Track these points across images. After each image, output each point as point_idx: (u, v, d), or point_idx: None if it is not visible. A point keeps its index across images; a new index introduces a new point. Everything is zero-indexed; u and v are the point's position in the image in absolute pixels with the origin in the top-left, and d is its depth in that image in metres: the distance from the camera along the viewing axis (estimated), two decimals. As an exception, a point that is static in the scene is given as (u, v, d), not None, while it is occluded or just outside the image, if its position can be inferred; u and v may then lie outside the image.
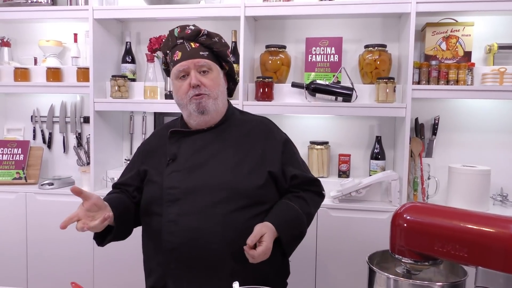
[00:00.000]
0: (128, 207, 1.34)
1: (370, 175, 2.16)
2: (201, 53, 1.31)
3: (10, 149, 2.42)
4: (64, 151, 2.57)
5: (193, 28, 1.32)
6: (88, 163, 2.31)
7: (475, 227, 0.88)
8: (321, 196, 1.43)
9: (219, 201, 1.23)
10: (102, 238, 1.29)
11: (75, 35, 2.43)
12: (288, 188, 1.35)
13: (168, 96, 2.21)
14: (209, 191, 1.24)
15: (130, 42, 2.38)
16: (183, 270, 1.24)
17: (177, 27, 1.34)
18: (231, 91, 1.47)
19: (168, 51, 1.36)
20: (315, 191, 1.41)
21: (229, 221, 1.23)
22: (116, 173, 2.29)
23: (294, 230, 1.30)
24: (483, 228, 0.87)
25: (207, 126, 1.34)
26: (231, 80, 1.44)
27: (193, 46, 1.31)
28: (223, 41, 1.37)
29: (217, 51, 1.34)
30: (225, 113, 1.37)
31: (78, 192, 1.14)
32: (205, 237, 1.21)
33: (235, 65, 2.19)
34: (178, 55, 1.31)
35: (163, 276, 1.27)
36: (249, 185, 1.26)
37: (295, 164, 1.37)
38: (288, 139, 1.42)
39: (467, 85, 2.00)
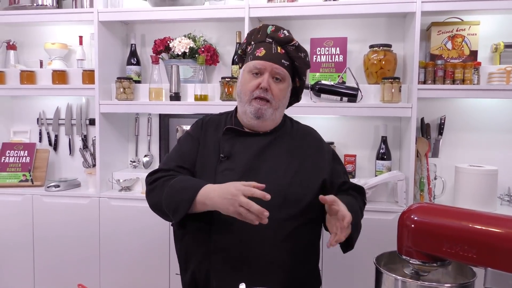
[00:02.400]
0: None
1: (376, 176, 2.15)
2: (283, 61, 1.31)
3: (17, 151, 2.44)
4: (70, 153, 2.58)
5: (287, 34, 1.33)
6: (94, 165, 2.32)
7: (484, 227, 0.87)
8: (365, 204, 1.46)
9: (272, 206, 1.21)
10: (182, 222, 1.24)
11: (81, 37, 2.44)
12: (336, 193, 1.35)
13: (173, 97, 2.21)
14: None
15: (135, 44, 2.39)
16: (227, 271, 1.24)
17: (272, 25, 1.34)
18: (289, 104, 1.46)
19: (253, 43, 1.35)
20: (362, 199, 1.43)
21: (280, 227, 1.23)
22: (121, 175, 2.30)
23: (359, 224, 1.30)
24: (492, 229, 0.86)
25: (262, 131, 1.35)
26: (294, 96, 1.44)
27: (279, 50, 1.31)
28: (307, 59, 1.38)
29: (297, 65, 1.35)
30: (280, 123, 1.39)
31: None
32: (256, 241, 1.21)
33: (238, 66, 2.20)
34: (261, 52, 1.30)
35: (206, 273, 1.26)
36: (301, 194, 1.27)
37: (342, 175, 1.42)
38: (336, 153, 1.46)
39: (473, 84, 1.99)
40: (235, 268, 1.23)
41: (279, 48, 1.32)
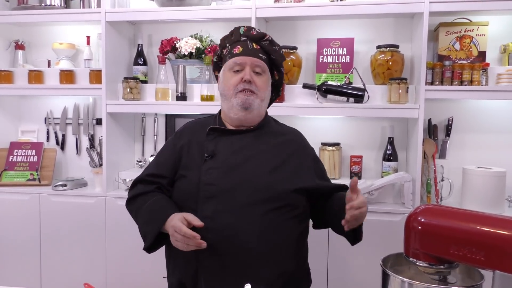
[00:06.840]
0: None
1: (382, 177, 2.14)
2: (260, 54, 1.37)
3: (24, 150, 2.46)
4: (77, 153, 2.60)
5: (259, 31, 1.40)
6: (101, 165, 2.33)
7: (492, 230, 0.86)
8: None
9: (256, 201, 1.25)
10: (153, 246, 1.30)
11: (88, 37, 2.45)
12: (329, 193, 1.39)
13: (180, 97, 2.21)
14: (247, 191, 1.26)
15: (142, 44, 2.40)
16: (216, 268, 1.25)
17: (243, 26, 1.41)
18: (270, 102, 1.48)
19: (228, 45, 1.41)
20: None
21: (265, 221, 1.25)
22: (128, 175, 2.31)
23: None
24: (501, 231, 0.85)
25: (246, 127, 1.37)
26: (274, 91, 1.47)
27: (254, 46, 1.37)
28: (282, 52, 1.44)
29: (274, 58, 1.40)
30: (263, 119, 1.41)
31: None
32: (241, 236, 1.23)
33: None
34: (238, 49, 1.36)
35: (195, 273, 1.27)
36: (286, 189, 1.29)
37: (325, 177, 1.44)
38: (316, 154, 1.47)
39: (482, 85, 1.97)
40: (223, 264, 1.24)
41: (254, 44, 1.37)
